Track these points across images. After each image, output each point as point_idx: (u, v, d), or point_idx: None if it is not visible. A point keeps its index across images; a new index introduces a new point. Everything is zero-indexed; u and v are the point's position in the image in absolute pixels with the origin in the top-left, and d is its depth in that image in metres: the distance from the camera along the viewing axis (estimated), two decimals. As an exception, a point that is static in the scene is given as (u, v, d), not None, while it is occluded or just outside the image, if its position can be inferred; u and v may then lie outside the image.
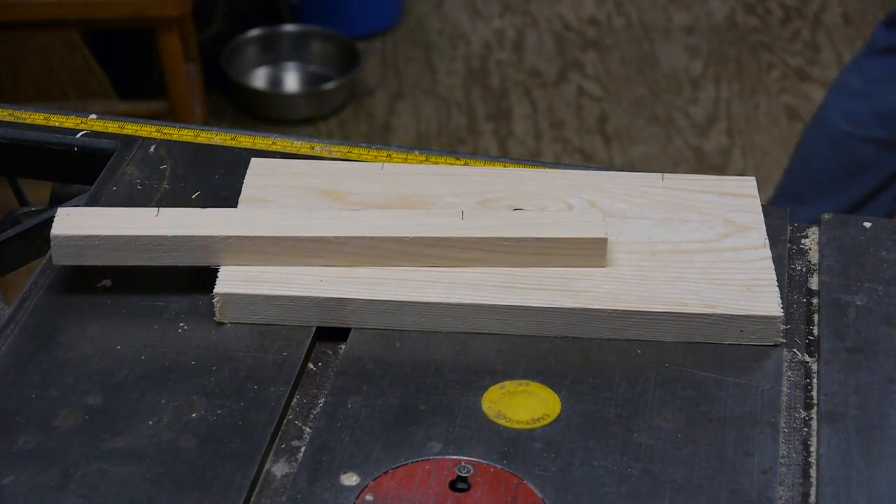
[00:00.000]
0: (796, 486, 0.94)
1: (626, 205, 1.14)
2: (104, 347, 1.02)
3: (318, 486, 0.91)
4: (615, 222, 1.12)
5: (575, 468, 0.93)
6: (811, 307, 1.09)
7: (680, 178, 1.18)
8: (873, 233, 1.16)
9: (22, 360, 1.01)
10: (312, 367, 1.03)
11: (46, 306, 1.06)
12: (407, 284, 1.05)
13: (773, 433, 0.96)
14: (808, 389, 1.02)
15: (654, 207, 1.14)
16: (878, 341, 1.04)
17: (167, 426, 0.95)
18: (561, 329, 1.04)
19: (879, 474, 0.93)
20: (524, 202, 1.14)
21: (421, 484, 0.91)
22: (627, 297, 1.04)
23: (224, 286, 1.04)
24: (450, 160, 1.23)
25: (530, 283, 1.06)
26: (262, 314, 1.04)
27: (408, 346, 1.03)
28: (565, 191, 1.16)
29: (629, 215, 1.13)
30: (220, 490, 0.90)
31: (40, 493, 0.90)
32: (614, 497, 0.91)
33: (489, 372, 1.01)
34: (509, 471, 0.92)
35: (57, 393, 0.98)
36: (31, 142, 1.26)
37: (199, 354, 1.01)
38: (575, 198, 1.15)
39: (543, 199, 1.15)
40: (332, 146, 1.25)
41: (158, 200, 1.15)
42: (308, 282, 1.05)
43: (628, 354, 1.03)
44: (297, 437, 0.96)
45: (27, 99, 2.67)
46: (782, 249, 1.13)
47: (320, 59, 3.29)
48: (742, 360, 1.02)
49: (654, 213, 1.14)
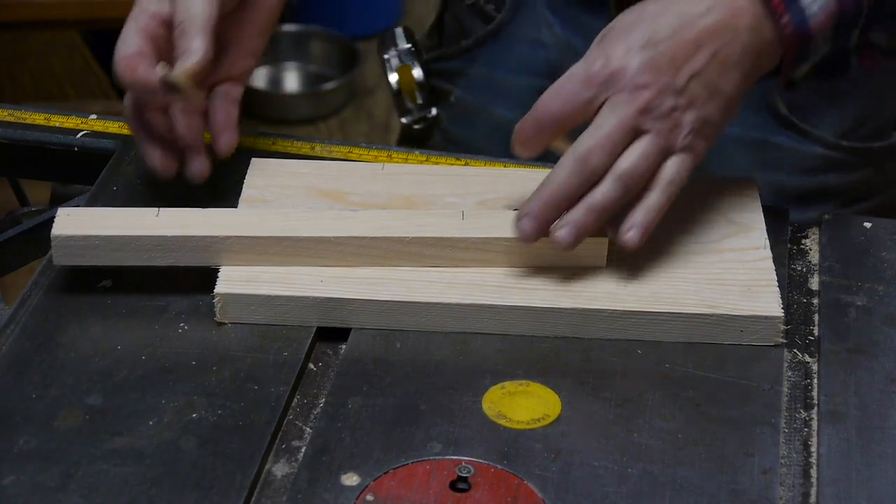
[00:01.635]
0: (797, 486, 0.94)
1: (626, 205, 1.14)
2: (104, 347, 1.02)
3: (318, 486, 0.91)
4: (615, 222, 1.12)
5: (575, 468, 0.93)
6: (811, 307, 1.09)
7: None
8: (873, 233, 1.16)
9: (22, 360, 1.01)
10: (312, 367, 1.02)
11: (46, 306, 1.06)
12: (407, 284, 1.05)
13: (773, 433, 0.96)
14: (809, 390, 1.02)
15: (654, 207, 1.14)
16: (879, 341, 1.04)
17: (167, 426, 0.95)
18: (561, 329, 1.04)
19: (879, 474, 0.93)
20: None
21: (421, 484, 0.91)
22: (627, 297, 1.04)
23: (224, 286, 1.04)
24: (450, 160, 1.23)
25: (530, 283, 1.06)
26: (262, 314, 1.04)
27: (408, 346, 1.03)
28: (565, 191, 1.15)
29: (629, 215, 1.13)
30: (220, 490, 0.90)
31: (40, 493, 0.90)
32: (614, 497, 0.91)
33: (489, 372, 1.01)
34: (509, 471, 0.92)
35: (57, 393, 0.98)
36: (31, 142, 1.26)
37: (199, 354, 1.01)
38: (575, 198, 1.15)
39: (543, 199, 1.14)
40: (332, 146, 1.25)
41: (158, 201, 1.15)
42: (308, 282, 1.05)
43: (628, 354, 1.03)
44: (297, 437, 0.96)
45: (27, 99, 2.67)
46: (783, 249, 1.13)
47: (320, 59, 3.30)
48: (742, 360, 1.02)
49: (655, 213, 1.13)
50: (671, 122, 1.02)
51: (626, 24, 1.03)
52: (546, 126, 1.02)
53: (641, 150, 1.01)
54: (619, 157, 1.01)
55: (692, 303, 1.04)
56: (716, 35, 1.02)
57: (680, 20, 1.02)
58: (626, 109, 1.01)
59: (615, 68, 1.01)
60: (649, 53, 1.01)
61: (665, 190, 1.02)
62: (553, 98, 1.02)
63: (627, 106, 1.01)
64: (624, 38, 1.02)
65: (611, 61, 1.01)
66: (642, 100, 1.01)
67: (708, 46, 1.02)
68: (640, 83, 1.01)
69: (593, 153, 1.01)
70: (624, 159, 1.01)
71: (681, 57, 1.01)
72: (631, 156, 1.01)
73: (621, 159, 1.01)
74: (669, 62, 1.01)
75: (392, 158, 1.23)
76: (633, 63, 1.01)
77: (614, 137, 1.01)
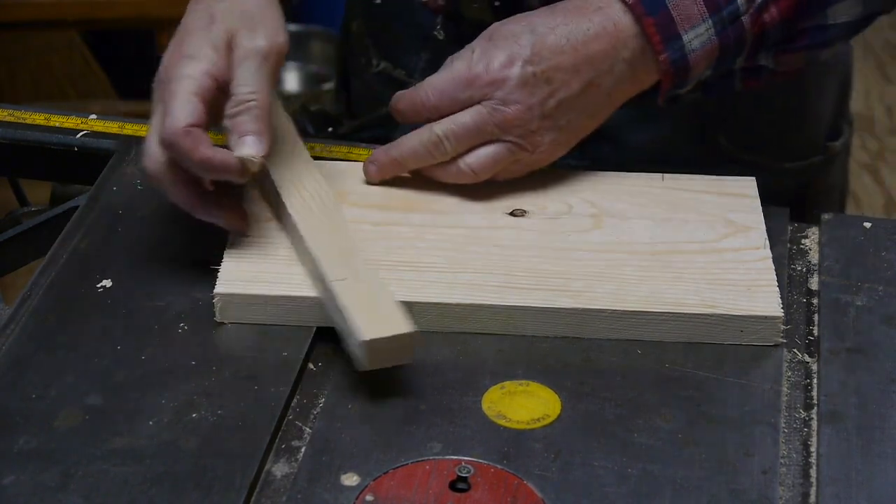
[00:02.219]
0: (796, 486, 0.94)
1: (626, 205, 1.14)
2: (104, 347, 1.02)
3: (318, 486, 0.91)
4: (615, 222, 1.12)
5: (575, 468, 0.93)
6: (811, 307, 1.09)
7: (680, 178, 1.18)
8: (873, 233, 1.16)
9: (22, 360, 1.01)
10: (312, 367, 1.02)
11: (46, 306, 1.06)
12: (407, 284, 1.05)
13: (773, 433, 0.96)
14: (809, 389, 1.02)
15: (654, 207, 1.14)
16: (878, 341, 1.04)
17: (167, 426, 0.95)
18: (561, 329, 1.04)
19: (879, 474, 0.93)
20: (525, 202, 1.14)
21: (421, 484, 0.91)
22: (627, 296, 1.04)
23: (224, 286, 1.04)
24: (450, 160, 1.23)
25: (530, 283, 1.06)
26: (262, 314, 1.04)
27: (408, 346, 1.03)
28: (565, 191, 1.16)
29: (629, 215, 1.13)
30: (220, 490, 0.90)
31: (40, 493, 0.90)
32: (614, 497, 0.91)
33: (489, 372, 1.01)
34: (509, 471, 0.92)
35: (57, 393, 0.98)
36: (31, 142, 1.26)
37: (199, 354, 1.01)
38: (575, 197, 1.15)
39: (543, 199, 1.15)
40: (332, 146, 1.25)
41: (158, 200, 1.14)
42: (308, 282, 1.05)
43: (628, 354, 1.03)
44: (297, 437, 0.96)
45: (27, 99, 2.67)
46: (782, 249, 1.13)
47: (320, 59, 3.29)
48: (742, 360, 1.02)
49: (655, 213, 1.14)
50: (530, 139, 1.09)
51: (514, 30, 1.09)
52: (424, 116, 1.10)
53: (494, 153, 1.09)
54: (469, 151, 1.10)
55: (692, 303, 1.04)
56: (595, 63, 1.08)
57: (566, 41, 1.08)
58: (491, 117, 1.08)
59: (495, 77, 1.07)
60: (529, 69, 1.07)
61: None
62: (432, 92, 1.09)
63: (493, 115, 1.07)
64: (509, 46, 1.07)
65: (491, 68, 1.07)
66: (510, 115, 1.07)
67: (585, 73, 1.08)
68: (512, 99, 1.07)
69: (449, 140, 1.09)
70: (472, 156, 1.10)
71: (557, 80, 1.07)
72: (480, 156, 1.10)
73: (470, 155, 1.10)
74: (545, 82, 1.07)
75: (392, 158, 1.23)
76: (513, 76, 1.06)
77: (472, 135, 1.08)
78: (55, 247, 1.12)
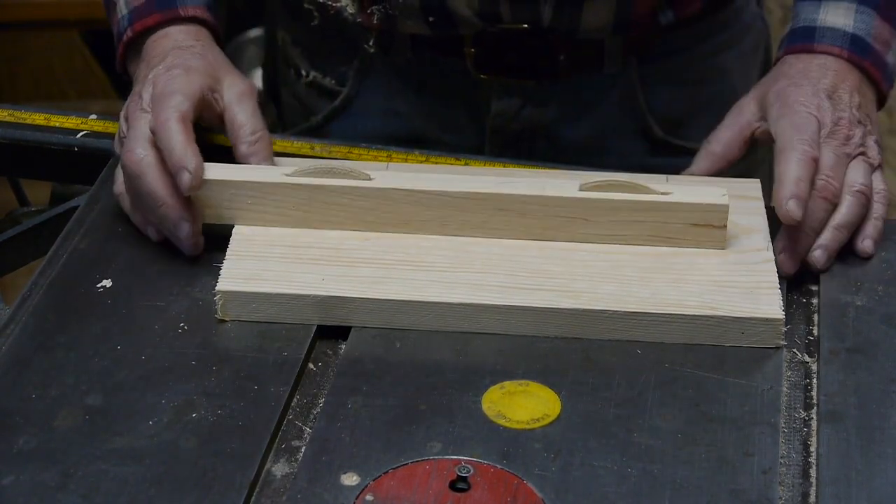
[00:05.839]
0: (796, 486, 0.94)
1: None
2: (104, 347, 1.02)
3: (318, 486, 0.91)
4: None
5: (575, 468, 0.93)
6: (811, 307, 1.09)
7: (684, 179, 1.18)
8: (873, 233, 1.15)
9: (22, 360, 1.01)
10: (312, 367, 1.03)
11: (46, 306, 1.06)
12: (408, 284, 1.05)
13: (773, 433, 0.96)
14: (808, 390, 1.02)
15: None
16: (878, 341, 1.04)
17: (167, 426, 0.95)
18: (561, 329, 1.04)
19: (879, 474, 0.93)
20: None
21: (421, 484, 0.91)
22: (628, 297, 1.04)
23: (225, 284, 1.04)
24: (450, 160, 1.23)
25: (531, 283, 1.06)
26: (263, 312, 1.04)
27: (408, 346, 1.03)
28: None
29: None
30: (220, 490, 0.90)
31: (40, 493, 0.90)
32: (614, 497, 0.91)
33: (489, 372, 1.01)
34: (509, 471, 0.92)
35: (57, 393, 0.98)
36: (31, 142, 1.26)
37: (199, 354, 1.01)
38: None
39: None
40: (332, 146, 1.25)
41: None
42: (310, 280, 1.05)
43: (628, 354, 1.03)
44: (297, 437, 0.96)
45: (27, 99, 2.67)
46: (782, 250, 1.13)
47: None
48: (742, 360, 1.02)
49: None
50: (867, 146, 1.16)
51: (794, 83, 1.17)
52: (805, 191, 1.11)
53: (862, 169, 1.14)
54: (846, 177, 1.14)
55: (693, 304, 1.04)
56: (846, 82, 1.18)
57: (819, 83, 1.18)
58: (840, 146, 1.14)
59: (826, 122, 1.14)
60: (833, 102, 1.16)
61: (883, 200, 1.16)
62: (800, 165, 1.11)
63: (836, 141, 1.14)
64: (807, 97, 1.15)
65: (823, 118, 1.14)
66: (842, 135, 1.14)
67: (845, 88, 1.18)
68: (839, 122, 1.15)
69: (831, 179, 1.12)
70: (852, 177, 1.13)
71: (846, 98, 1.17)
72: (857, 175, 1.14)
73: (849, 178, 1.13)
74: (846, 105, 1.16)
75: (392, 158, 1.23)
76: (827, 110, 1.15)
77: (842, 166, 1.14)
78: (55, 247, 1.12)
